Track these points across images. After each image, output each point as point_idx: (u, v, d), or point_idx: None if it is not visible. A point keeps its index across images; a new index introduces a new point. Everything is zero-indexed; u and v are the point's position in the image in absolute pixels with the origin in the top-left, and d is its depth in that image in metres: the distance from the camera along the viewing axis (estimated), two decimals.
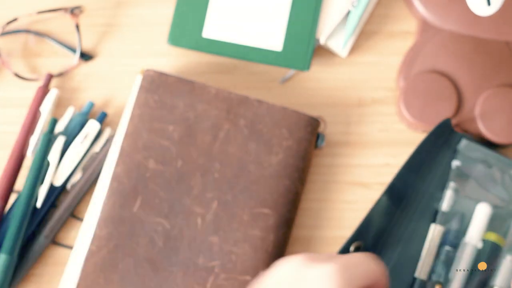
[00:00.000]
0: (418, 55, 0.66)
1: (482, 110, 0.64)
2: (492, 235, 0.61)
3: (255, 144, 0.62)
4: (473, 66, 0.65)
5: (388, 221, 0.62)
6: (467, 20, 0.66)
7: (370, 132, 0.67)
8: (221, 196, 0.61)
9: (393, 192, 0.62)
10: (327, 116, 0.67)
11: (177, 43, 0.65)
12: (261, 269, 0.60)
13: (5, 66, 0.67)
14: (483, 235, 0.61)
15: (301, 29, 0.65)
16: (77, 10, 0.67)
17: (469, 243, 0.61)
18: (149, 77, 0.63)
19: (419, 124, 0.65)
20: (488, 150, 0.63)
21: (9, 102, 0.67)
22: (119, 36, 0.69)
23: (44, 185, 0.63)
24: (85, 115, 0.65)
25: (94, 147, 0.65)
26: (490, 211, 0.61)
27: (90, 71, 0.68)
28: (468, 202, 0.62)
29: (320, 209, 0.65)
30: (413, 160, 0.62)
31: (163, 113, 0.62)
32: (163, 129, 0.62)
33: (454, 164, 0.63)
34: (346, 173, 0.66)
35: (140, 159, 0.62)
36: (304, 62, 0.65)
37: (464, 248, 0.61)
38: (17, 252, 0.61)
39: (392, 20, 0.69)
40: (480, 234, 0.61)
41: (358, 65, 0.68)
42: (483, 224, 0.61)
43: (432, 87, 0.65)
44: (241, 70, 0.68)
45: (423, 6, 0.67)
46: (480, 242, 0.61)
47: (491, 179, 0.62)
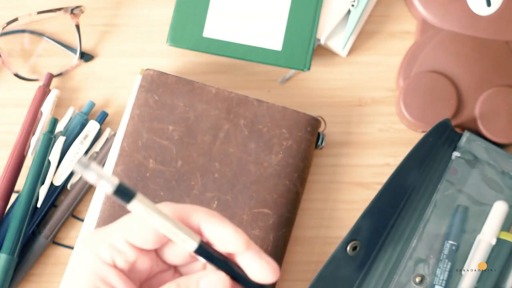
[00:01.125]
0: (418, 55, 0.66)
1: (482, 110, 0.64)
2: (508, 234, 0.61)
3: (255, 144, 0.62)
4: (473, 66, 0.65)
5: (387, 220, 0.62)
6: (467, 20, 0.66)
7: (370, 132, 0.67)
8: (221, 196, 0.61)
9: (391, 191, 0.62)
10: (327, 116, 0.67)
11: (177, 43, 0.65)
12: None
13: (5, 66, 0.67)
14: (498, 232, 0.61)
15: (301, 29, 0.65)
16: (77, 10, 0.67)
17: (483, 240, 0.61)
18: (149, 77, 0.63)
19: (419, 124, 0.65)
20: (490, 144, 0.63)
21: (9, 102, 0.67)
22: (119, 36, 0.69)
23: (44, 185, 0.63)
24: (85, 115, 0.65)
25: (94, 147, 0.65)
26: (507, 209, 0.61)
27: (90, 71, 0.68)
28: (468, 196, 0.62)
29: (320, 209, 0.65)
30: (411, 159, 0.62)
31: (163, 113, 0.62)
32: (163, 129, 0.62)
33: (454, 155, 0.63)
34: (346, 173, 0.66)
35: (140, 159, 0.62)
36: (304, 62, 0.65)
37: (478, 245, 0.61)
38: (17, 252, 0.61)
39: (392, 20, 0.69)
40: (496, 231, 0.61)
41: (358, 65, 0.68)
42: (498, 221, 0.61)
43: (432, 87, 0.65)
44: (241, 70, 0.68)
45: (423, 6, 0.66)
46: (495, 239, 0.61)
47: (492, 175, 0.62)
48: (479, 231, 0.61)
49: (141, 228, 0.39)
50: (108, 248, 0.39)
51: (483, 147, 0.63)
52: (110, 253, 0.39)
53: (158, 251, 0.41)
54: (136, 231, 0.39)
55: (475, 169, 0.63)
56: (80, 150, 0.64)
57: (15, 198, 0.64)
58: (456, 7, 0.66)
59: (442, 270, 0.60)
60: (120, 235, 0.39)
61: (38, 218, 0.63)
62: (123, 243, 0.39)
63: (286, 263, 0.64)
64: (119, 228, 0.39)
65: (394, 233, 0.62)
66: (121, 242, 0.39)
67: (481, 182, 0.63)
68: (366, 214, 0.61)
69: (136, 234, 0.39)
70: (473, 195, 0.62)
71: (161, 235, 0.39)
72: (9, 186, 0.63)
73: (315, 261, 0.64)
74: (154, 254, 0.41)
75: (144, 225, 0.39)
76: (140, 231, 0.39)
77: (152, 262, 0.40)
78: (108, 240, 0.39)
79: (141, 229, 0.39)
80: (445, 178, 0.62)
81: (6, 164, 0.64)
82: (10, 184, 0.63)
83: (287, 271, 0.64)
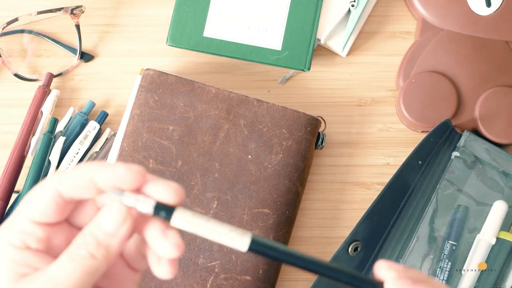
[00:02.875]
0: (418, 55, 0.66)
1: (482, 110, 0.64)
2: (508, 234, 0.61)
3: (255, 144, 0.62)
4: (473, 66, 0.65)
5: (387, 220, 0.62)
6: (467, 20, 0.66)
7: (370, 132, 0.67)
8: (221, 196, 0.61)
9: (392, 192, 0.62)
10: (327, 116, 0.67)
11: (177, 43, 0.65)
12: (261, 269, 0.60)
13: (5, 66, 0.67)
14: (497, 232, 0.61)
15: (301, 29, 0.65)
16: (77, 10, 0.67)
17: (483, 239, 0.61)
18: (149, 76, 0.63)
19: (419, 124, 0.65)
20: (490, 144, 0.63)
21: (9, 102, 0.67)
22: (119, 36, 0.69)
23: None
24: (85, 115, 0.65)
25: (94, 147, 0.65)
26: (506, 209, 0.61)
27: (90, 71, 0.68)
28: (468, 196, 0.62)
29: (320, 209, 0.65)
30: (412, 160, 0.62)
31: (163, 113, 0.62)
32: (163, 129, 0.62)
33: (454, 155, 0.63)
34: (346, 173, 0.66)
35: (140, 159, 0.62)
36: (304, 62, 0.65)
37: (478, 244, 0.61)
38: None
39: (392, 20, 0.69)
40: (495, 231, 0.61)
41: (358, 65, 0.68)
42: (498, 221, 0.61)
43: (432, 87, 0.65)
44: (241, 70, 0.68)
45: (423, 6, 0.66)
46: (494, 238, 0.61)
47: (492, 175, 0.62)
48: (479, 231, 0.61)
49: (39, 203, 0.39)
50: (16, 234, 0.39)
51: (483, 147, 0.63)
52: (20, 238, 0.39)
53: (70, 220, 0.41)
54: (35, 208, 0.39)
55: (475, 169, 0.63)
56: (80, 150, 0.64)
57: (15, 198, 0.64)
58: (456, 7, 0.66)
59: (442, 270, 0.60)
60: (24, 217, 0.39)
61: None
62: (28, 223, 0.39)
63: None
64: (21, 211, 0.40)
65: (394, 233, 0.62)
66: (26, 223, 0.39)
67: (481, 182, 0.63)
68: (368, 215, 0.61)
69: (35, 211, 0.39)
70: (473, 195, 0.62)
71: (60, 204, 0.39)
72: (9, 186, 0.63)
73: None
74: (66, 225, 0.41)
75: (40, 199, 0.39)
76: (38, 207, 0.39)
77: (67, 233, 0.40)
78: (15, 226, 0.39)
79: (39, 204, 0.39)
80: (445, 178, 0.62)
81: (6, 164, 0.64)
82: (10, 184, 0.63)
83: (287, 271, 0.64)
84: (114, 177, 0.38)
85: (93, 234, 0.38)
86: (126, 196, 0.37)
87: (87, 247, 0.37)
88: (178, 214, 0.37)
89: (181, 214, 0.37)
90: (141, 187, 0.38)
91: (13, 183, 0.64)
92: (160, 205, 0.37)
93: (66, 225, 0.40)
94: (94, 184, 0.38)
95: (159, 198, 0.38)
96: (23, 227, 0.39)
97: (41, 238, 0.39)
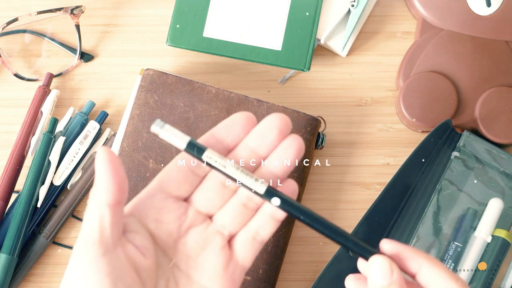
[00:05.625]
0: (418, 55, 0.66)
1: (482, 110, 0.64)
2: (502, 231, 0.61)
3: None
4: (473, 66, 0.65)
5: (387, 220, 0.62)
6: (467, 20, 0.66)
7: (370, 132, 0.67)
8: None
9: (393, 192, 0.62)
10: (327, 116, 0.67)
11: (177, 43, 0.65)
12: (261, 269, 0.60)
13: (5, 66, 0.67)
14: (493, 230, 0.61)
15: (301, 29, 0.65)
16: (77, 10, 0.67)
17: (479, 237, 0.61)
18: (149, 77, 0.63)
19: (419, 124, 0.65)
20: (490, 144, 0.63)
21: (9, 102, 0.67)
22: (119, 36, 0.69)
23: (44, 185, 0.63)
24: (85, 115, 0.65)
25: (94, 147, 0.65)
26: (502, 206, 0.61)
27: (90, 71, 0.68)
28: (468, 196, 0.62)
29: (320, 209, 0.65)
30: (413, 160, 0.62)
31: (163, 113, 0.62)
32: None
33: (454, 155, 0.63)
34: (346, 173, 0.66)
35: (140, 159, 0.62)
36: (304, 62, 0.65)
37: (473, 242, 0.61)
38: (17, 252, 0.61)
39: (392, 20, 0.69)
40: (491, 228, 0.61)
41: (358, 65, 0.68)
42: (494, 218, 0.61)
43: (432, 87, 0.65)
44: (241, 70, 0.68)
45: (423, 6, 0.66)
46: (490, 236, 0.61)
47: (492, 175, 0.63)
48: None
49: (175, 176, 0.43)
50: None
51: (483, 147, 0.63)
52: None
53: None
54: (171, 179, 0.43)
55: (475, 169, 0.63)
56: (80, 150, 0.64)
57: (15, 198, 0.64)
58: (456, 7, 0.66)
59: None
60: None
61: (38, 218, 0.63)
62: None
63: (286, 263, 0.64)
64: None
65: (394, 233, 0.62)
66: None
67: (481, 182, 0.63)
68: (368, 215, 0.61)
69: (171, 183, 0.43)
70: (472, 195, 0.62)
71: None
72: (9, 186, 0.63)
73: (315, 261, 0.64)
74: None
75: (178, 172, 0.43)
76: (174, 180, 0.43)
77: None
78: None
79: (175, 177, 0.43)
80: (445, 178, 0.63)
81: (6, 164, 0.64)
82: (10, 184, 0.63)
83: (287, 271, 0.64)
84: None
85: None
86: (165, 130, 0.42)
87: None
88: (208, 152, 0.42)
89: (210, 153, 0.42)
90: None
91: (13, 183, 0.64)
92: (192, 143, 0.42)
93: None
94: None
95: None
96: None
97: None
